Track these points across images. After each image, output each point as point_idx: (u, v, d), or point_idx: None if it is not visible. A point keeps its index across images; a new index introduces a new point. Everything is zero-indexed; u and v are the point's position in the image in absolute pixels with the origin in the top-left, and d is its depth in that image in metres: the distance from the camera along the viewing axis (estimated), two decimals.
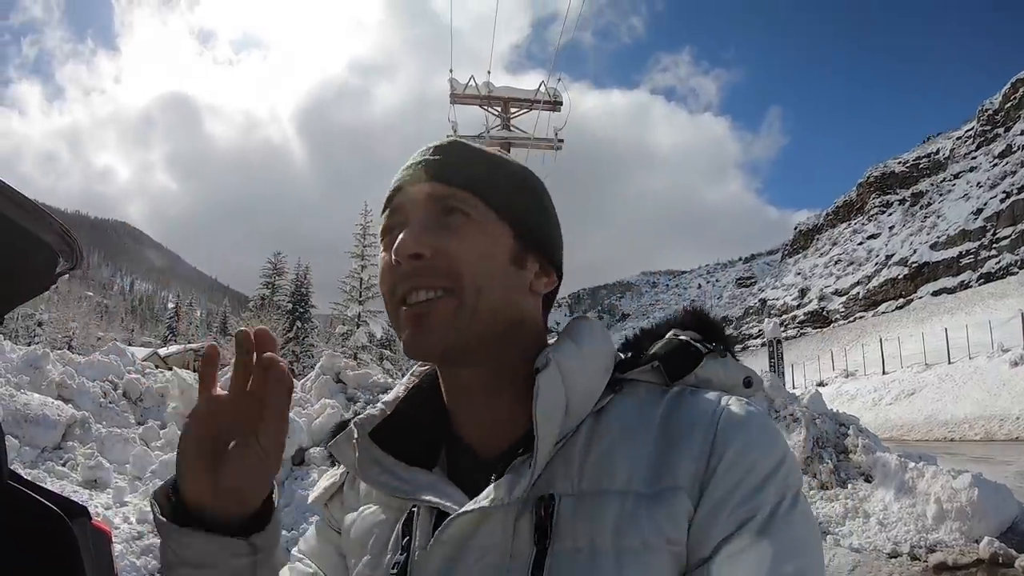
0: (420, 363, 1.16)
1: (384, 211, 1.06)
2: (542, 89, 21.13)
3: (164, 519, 0.87)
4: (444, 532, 0.92)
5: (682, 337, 1.03)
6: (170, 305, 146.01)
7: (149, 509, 0.93)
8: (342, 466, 1.14)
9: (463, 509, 0.91)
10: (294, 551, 1.19)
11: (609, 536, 0.86)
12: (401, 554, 0.97)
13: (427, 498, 0.97)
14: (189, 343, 61.34)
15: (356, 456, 1.05)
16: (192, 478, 0.86)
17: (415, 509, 0.99)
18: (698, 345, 1.01)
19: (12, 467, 2.14)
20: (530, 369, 0.96)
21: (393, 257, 0.97)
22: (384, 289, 1.01)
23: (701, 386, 0.98)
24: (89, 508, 2.01)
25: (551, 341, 1.05)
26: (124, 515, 7.91)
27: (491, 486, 0.92)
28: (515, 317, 1.01)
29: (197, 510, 0.85)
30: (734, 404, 0.93)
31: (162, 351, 45.25)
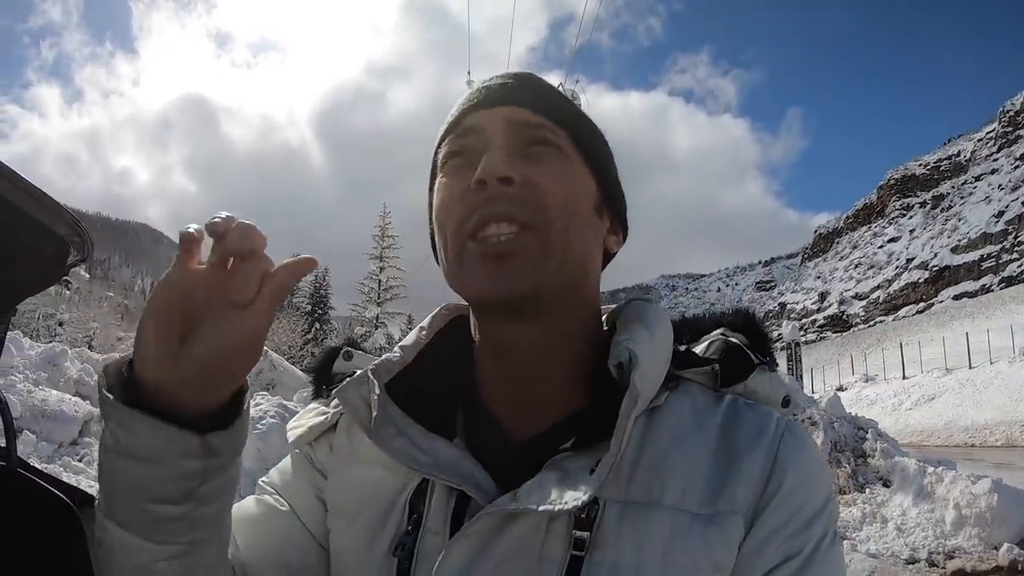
0: (443, 308, 1.06)
1: (448, 134, 0.95)
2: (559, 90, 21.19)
3: (110, 395, 0.72)
4: (473, 526, 0.82)
5: (733, 340, 0.97)
6: None
7: None
8: (334, 402, 1.01)
9: (505, 508, 0.81)
10: (262, 481, 1.06)
11: (659, 554, 0.79)
12: (408, 533, 0.88)
13: (451, 480, 0.86)
14: None
15: (370, 411, 0.92)
16: (153, 348, 0.70)
17: (429, 483, 0.89)
18: (750, 353, 0.95)
19: (29, 461, 2.16)
20: (586, 338, 0.92)
21: (475, 179, 0.86)
22: (448, 219, 0.90)
23: (748, 396, 0.93)
24: None
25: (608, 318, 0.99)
26: None
27: (536, 484, 0.82)
28: (588, 272, 0.93)
29: (152, 391, 0.71)
30: (793, 428, 0.89)
31: None
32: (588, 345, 0.93)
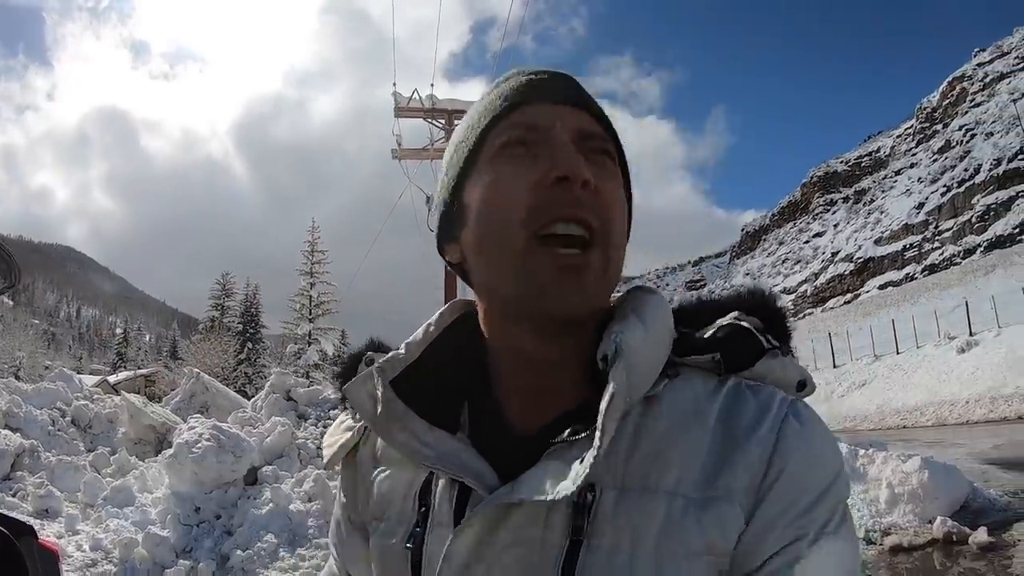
0: (450, 305, 1.06)
1: (502, 118, 0.92)
2: None
3: None
4: (474, 517, 0.84)
5: (744, 323, 0.92)
6: (118, 331, 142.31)
7: (102, 536, 0.73)
8: (357, 415, 1.01)
9: (505, 499, 0.82)
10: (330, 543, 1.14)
11: (653, 539, 0.80)
12: (417, 527, 0.90)
13: (453, 472, 0.88)
14: (139, 368, 60.39)
15: (375, 408, 0.94)
16: None
17: (434, 476, 0.92)
18: (760, 337, 0.92)
19: None
20: (593, 342, 0.90)
21: (558, 174, 0.85)
22: (512, 208, 0.86)
23: (757, 380, 0.90)
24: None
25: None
26: (77, 543, 7.74)
27: (533, 475, 0.83)
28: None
29: None
30: (796, 409, 0.87)
31: (112, 378, 44.25)
32: (592, 340, 0.92)
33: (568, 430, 0.86)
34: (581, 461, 0.80)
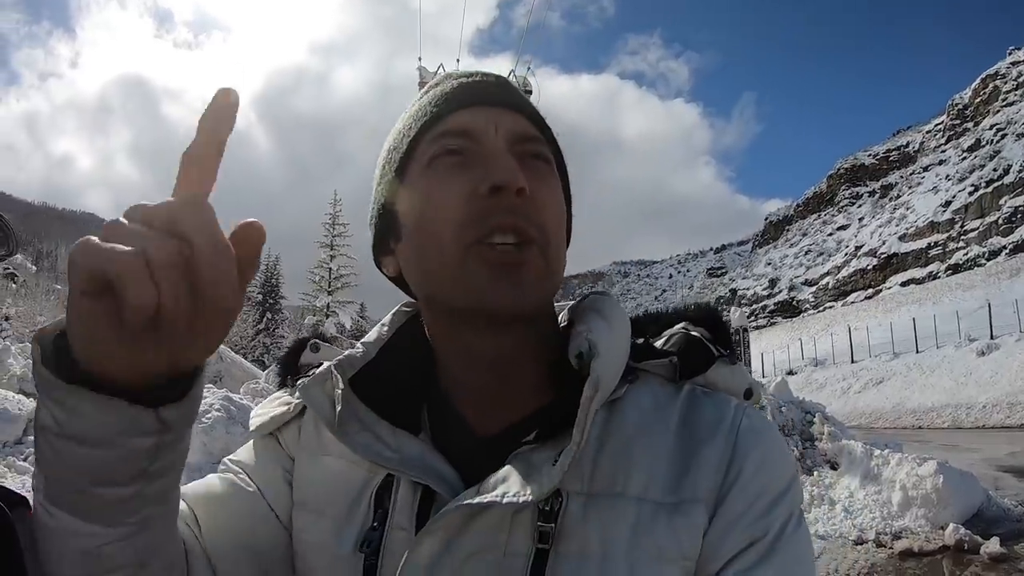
0: (402, 305, 1.04)
1: (431, 127, 0.90)
2: (511, 79, 21.14)
3: (45, 370, 0.63)
4: (438, 521, 0.81)
5: (694, 334, 0.95)
6: None
7: None
8: (298, 393, 0.96)
9: (469, 501, 0.80)
10: (227, 459, 1.01)
11: (624, 544, 0.79)
12: (374, 528, 0.86)
13: (417, 475, 0.85)
14: None
15: (334, 407, 0.90)
16: (101, 331, 0.58)
17: (394, 479, 0.88)
18: (711, 346, 0.94)
19: None
20: (550, 344, 0.92)
21: (491, 184, 0.83)
22: (446, 221, 0.84)
23: (709, 387, 0.93)
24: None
25: (565, 316, 0.99)
26: None
27: (500, 478, 0.82)
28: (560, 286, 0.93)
29: (93, 364, 0.61)
30: (751, 414, 0.89)
31: None
32: (549, 342, 0.93)
33: (535, 432, 0.85)
34: (554, 463, 0.79)
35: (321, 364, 0.97)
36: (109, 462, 0.65)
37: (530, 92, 21.12)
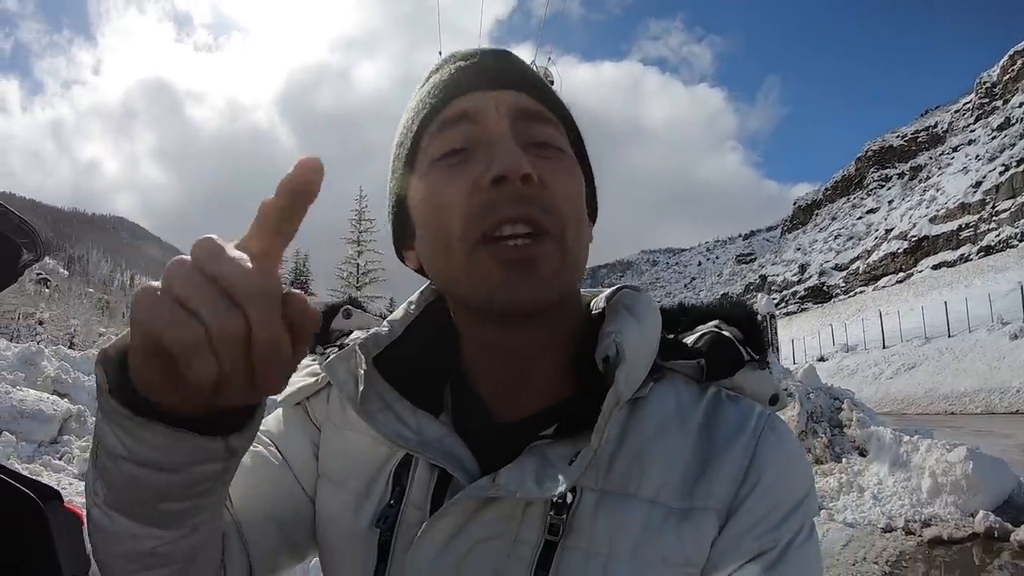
0: (429, 284, 1.01)
1: (432, 118, 0.89)
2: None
3: (114, 401, 0.62)
4: (453, 506, 0.82)
5: (725, 333, 0.94)
6: None
7: None
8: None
9: (484, 493, 0.81)
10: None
11: (630, 545, 0.79)
12: (390, 505, 0.88)
13: (435, 459, 0.85)
14: None
15: (357, 385, 0.90)
16: (151, 376, 0.58)
17: (413, 458, 0.89)
18: (741, 348, 0.93)
19: (10, 462, 2.17)
20: (573, 328, 0.91)
21: (493, 175, 0.81)
22: (451, 219, 0.83)
23: (735, 391, 0.91)
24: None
25: (597, 309, 0.96)
26: None
27: (515, 469, 0.82)
28: (583, 273, 0.91)
29: (159, 400, 0.60)
30: (773, 423, 0.88)
31: None
32: (575, 334, 0.92)
33: (555, 426, 0.85)
34: (571, 462, 0.80)
35: (352, 331, 1.00)
36: (176, 483, 0.67)
37: (552, 83, 20.97)
